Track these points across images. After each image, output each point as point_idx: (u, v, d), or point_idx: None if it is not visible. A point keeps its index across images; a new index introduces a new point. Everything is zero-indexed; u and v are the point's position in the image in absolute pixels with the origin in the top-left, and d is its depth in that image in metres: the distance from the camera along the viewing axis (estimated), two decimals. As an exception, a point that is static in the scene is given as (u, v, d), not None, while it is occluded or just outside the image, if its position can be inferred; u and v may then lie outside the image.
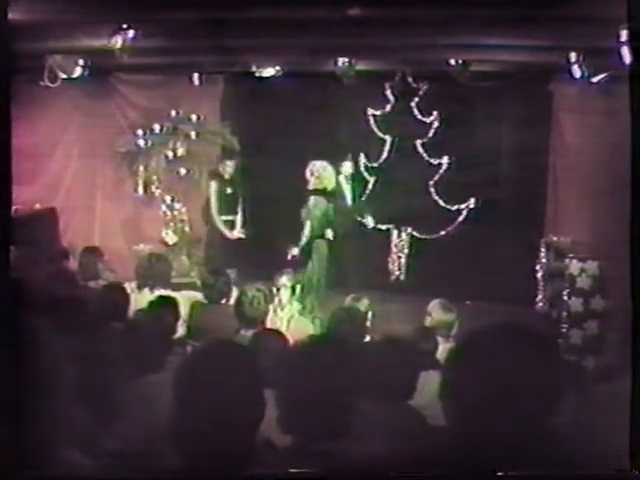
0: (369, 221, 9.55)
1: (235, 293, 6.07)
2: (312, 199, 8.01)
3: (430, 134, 9.84)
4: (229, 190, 9.09)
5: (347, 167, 9.30)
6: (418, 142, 9.86)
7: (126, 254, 9.00)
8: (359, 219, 9.66)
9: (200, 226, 10.02)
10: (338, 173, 9.28)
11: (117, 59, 6.93)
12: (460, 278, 9.37)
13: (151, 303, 5.41)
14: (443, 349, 4.86)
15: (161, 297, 5.60)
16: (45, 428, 2.29)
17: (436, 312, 5.46)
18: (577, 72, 7.55)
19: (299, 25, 6.42)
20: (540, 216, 9.32)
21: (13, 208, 2.76)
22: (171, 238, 9.69)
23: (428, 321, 5.46)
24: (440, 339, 5.18)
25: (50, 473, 2.32)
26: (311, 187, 8.01)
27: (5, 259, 2.57)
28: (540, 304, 8.74)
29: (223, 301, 5.97)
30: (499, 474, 2.11)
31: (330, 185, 7.97)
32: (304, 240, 8.15)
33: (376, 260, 9.79)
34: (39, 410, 2.29)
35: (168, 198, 9.74)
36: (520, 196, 9.32)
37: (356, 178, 9.80)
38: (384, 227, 9.95)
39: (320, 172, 7.97)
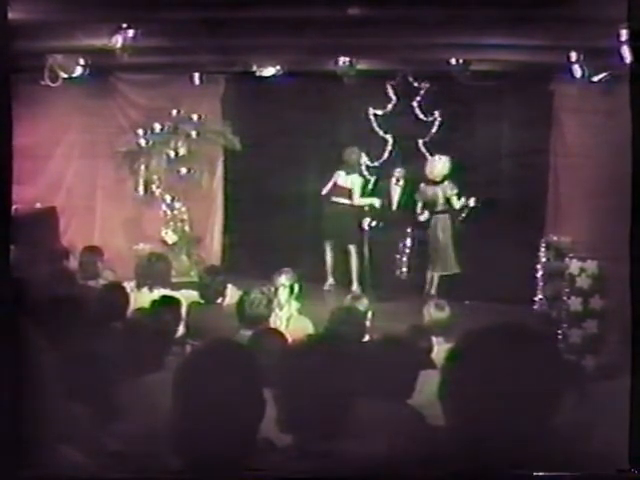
0: (369, 221, 9.56)
1: (229, 292, 6.09)
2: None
3: (431, 133, 9.84)
4: None
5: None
6: (420, 141, 9.86)
7: (126, 253, 9.00)
8: (360, 219, 9.67)
9: (200, 226, 10.06)
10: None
11: (117, 59, 6.93)
12: (460, 278, 9.40)
13: (154, 302, 5.42)
14: (443, 349, 4.86)
15: (165, 297, 5.61)
16: (45, 428, 2.29)
17: (431, 311, 5.48)
18: (577, 72, 7.55)
19: (299, 25, 6.43)
20: (540, 216, 9.32)
21: (13, 207, 2.76)
22: (171, 237, 9.70)
23: (425, 321, 5.47)
24: (440, 339, 5.19)
25: (50, 473, 2.32)
26: None
27: (5, 259, 2.57)
28: (540, 304, 8.74)
29: (219, 300, 5.98)
30: (498, 474, 2.11)
31: None
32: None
33: (377, 260, 9.78)
34: (39, 410, 2.30)
35: (168, 197, 9.74)
36: (520, 196, 9.33)
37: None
38: (384, 227, 9.94)
39: None
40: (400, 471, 2.30)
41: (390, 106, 9.92)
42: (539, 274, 8.75)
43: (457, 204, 9.33)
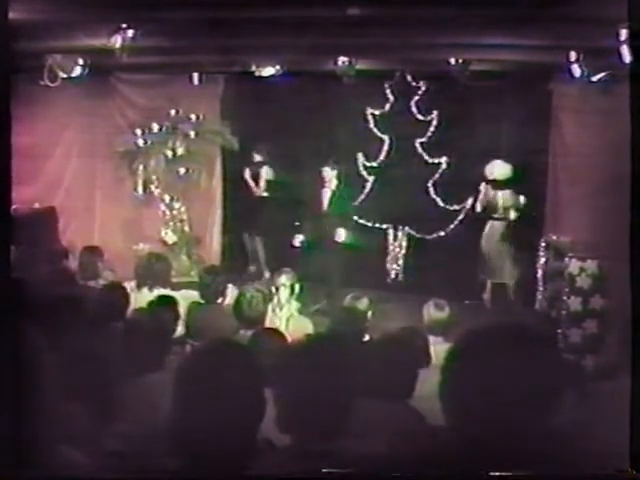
0: (368, 221, 9.57)
1: (231, 292, 6.09)
2: None
3: (429, 133, 9.83)
4: None
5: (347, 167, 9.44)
6: (417, 141, 9.85)
7: (126, 253, 9.00)
8: (358, 219, 9.67)
9: (199, 225, 10.06)
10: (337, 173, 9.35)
11: (117, 59, 6.92)
12: (459, 278, 9.39)
13: (151, 302, 5.42)
14: (443, 349, 4.86)
15: (161, 296, 5.61)
16: (45, 428, 2.29)
17: (430, 311, 5.47)
18: (577, 71, 7.55)
19: (299, 25, 6.43)
20: (540, 216, 9.32)
21: (13, 207, 2.76)
22: (170, 237, 9.70)
23: (425, 321, 5.47)
24: (439, 338, 5.19)
25: (50, 473, 2.32)
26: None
27: (5, 259, 2.57)
28: (540, 303, 8.74)
29: (219, 300, 5.98)
30: (498, 474, 2.11)
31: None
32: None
33: (374, 260, 9.79)
34: (39, 410, 2.30)
35: (167, 197, 9.75)
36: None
37: (355, 178, 9.82)
38: (383, 227, 9.96)
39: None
40: (400, 471, 2.30)
41: (388, 106, 9.91)
42: (539, 274, 8.75)
43: (513, 215, 9.03)
